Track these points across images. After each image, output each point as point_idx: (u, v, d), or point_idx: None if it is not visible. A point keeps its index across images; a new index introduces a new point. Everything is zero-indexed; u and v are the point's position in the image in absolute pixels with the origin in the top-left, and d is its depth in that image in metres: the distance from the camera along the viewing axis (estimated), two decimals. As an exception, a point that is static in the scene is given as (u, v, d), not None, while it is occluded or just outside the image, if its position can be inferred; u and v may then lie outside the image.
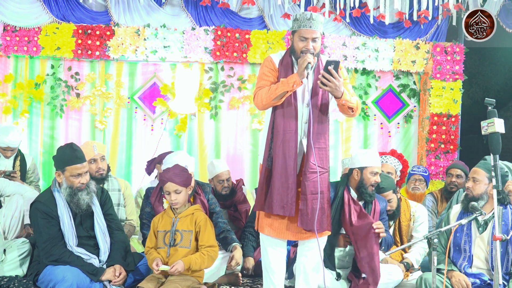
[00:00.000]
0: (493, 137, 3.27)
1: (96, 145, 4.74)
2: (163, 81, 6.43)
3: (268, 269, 3.76)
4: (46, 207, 3.86)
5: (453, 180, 5.39)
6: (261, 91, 3.63)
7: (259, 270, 4.43)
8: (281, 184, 3.61)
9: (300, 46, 3.61)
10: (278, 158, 3.62)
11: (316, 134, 3.62)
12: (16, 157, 5.37)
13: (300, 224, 3.62)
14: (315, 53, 3.61)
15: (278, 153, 3.63)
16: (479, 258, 3.91)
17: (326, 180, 3.69)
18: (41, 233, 3.84)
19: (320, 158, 3.64)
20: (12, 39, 6.07)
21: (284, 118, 3.63)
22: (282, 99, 3.59)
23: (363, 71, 6.60)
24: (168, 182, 3.93)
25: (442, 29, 6.61)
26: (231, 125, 6.52)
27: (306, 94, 3.65)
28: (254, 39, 6.32)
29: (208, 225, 3.95)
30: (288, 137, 3.60)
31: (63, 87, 6.28)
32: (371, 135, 6.72)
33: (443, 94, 6.51)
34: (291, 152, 3.60)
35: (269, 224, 3.69)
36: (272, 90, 3.56)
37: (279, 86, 3.54)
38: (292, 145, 3.60)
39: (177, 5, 6.33)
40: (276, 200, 3.61)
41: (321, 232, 3.66)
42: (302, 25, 3.60)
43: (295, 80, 3.51)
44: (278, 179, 3.62)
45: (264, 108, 3.69)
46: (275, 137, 3.65)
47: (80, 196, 3.91)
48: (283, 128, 3.62)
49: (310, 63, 3.51)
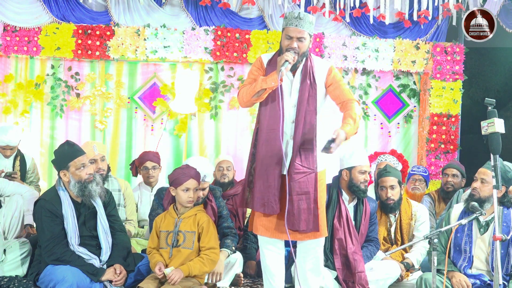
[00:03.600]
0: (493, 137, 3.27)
1: (96, 145, 4.74)
2: (163, 81, 6.43)
3: (266, 271, 3.74)
4: (51, 205, 3.86)
5: (449, 180, 5.39)
6: (243, 88, 3.63)
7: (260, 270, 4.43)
8: (262, 182, 3.59)
9: (285, 44, 3.59)
10: (260, 156, 3.61)
11: (302, 134, 3.59)
12: (16, 157, 5.37)
13: (287, 224, 3.58)
14: (300, 52, 3.57)
15: (260, 151, 3.61)
16: (479, 259, 3.90)
17: (313, 181, 3.61)
18: (44, 231, 3.83)
19: (306, 158, 3.59)
20: (12, 39, 6.08)
21: (268, 117, 3.61)
22: (262, 96, 3.56)
23: (363, 71, 6.60)
24: (190, 179, 3.93)
25: (442, 29, 6.61)
26: (231, 125, 6.52)
27: (293, 94, 3.63)
28: (254, 39, 6.32)
29: (210, 227, 3.94)
30: (272, 136, 3.57)
31: (63, 87, 6.28)
32: (371, 135, 6.72)
33: (443, 94, 6.51)
34: (273, 151, 3.56)
35: (262, 224, 3.67)
36: (252, 88, 3.55)
37: (258, 83, 3.52)
38: (274, 143, 3.56)
39: (177, 5, 6.33)
40: (257, 197, 3.60)
41: (307, 232, 3.62)
42: (289, 23, 3.59)
43: (273, 78, 3.48)
44: (260, 177, 3.60)
45: (246, 105, 3.68)
46: (259, 135, 3.64)
47: (91, 188, 3.91)
48: (267, 127, 3.61)
49: (288, 61, 3.47)
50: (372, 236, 4.42)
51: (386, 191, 4.55)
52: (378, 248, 4.45)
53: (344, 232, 4.15)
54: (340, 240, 4.13)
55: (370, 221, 4.40)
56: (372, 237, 4.42)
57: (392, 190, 4.53)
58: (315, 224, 3.63)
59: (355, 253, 4.10)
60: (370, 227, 4.42)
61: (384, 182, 4.57)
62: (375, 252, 4.40)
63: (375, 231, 4.46)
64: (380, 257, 4.46)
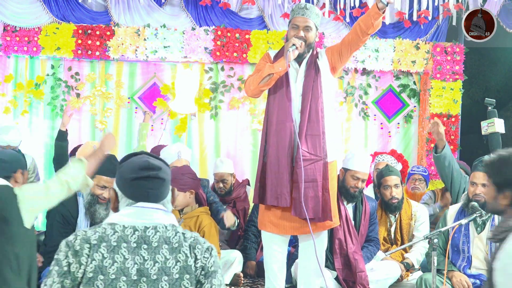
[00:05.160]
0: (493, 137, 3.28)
1: (96, 146, 4.73)
2: (163, 81, 6.43)
3: (269, 272, 3.73)
4: (66, 211, 3.82)
5: None
6: (251, 77, 3.65)
7: (260, 271, 4.43)
8: (274, 174, 3.57)
9: (291, 34, 3.61)
10: (271, 149, 3.60)
11: (309, 121, 3.57)
12: (16, 157, 5.36)
13: (293, 212, 3.55)
14: (306, 42, 3.58)
15: (272, 143, 3.60)
16: (478, 259, 3.90)
17: (321, 169, 3.57)
18: (52, 236, 3.81)
19: (313, 146, 3.56)
20: (12, 39, 6.08)
21: (277, 109, 3.61)
22: (270, 83, 3.56)
23: (363, 71, 6.60)
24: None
25: (442, 29, 6.60)
26: (231, 125, 6.52)
27: (298, 83, 3.64)
28: (254, 39, 6.31)
29: (212, 230, 3.94)
30: (281, 127, 3.57)
31: (63, 87, 6.28)
32: (371, 135, 6.71)
33: (443, 94, 6.51)
34: (284, 141, 3.56)
35: (270, 220, 3.65)
36: (259, 74, 3.55)
37: (265, 69, 3.53)
38: (284, 134, 3.56)
39: (177, 5, 6.33)
40: (270, 190, 3.58)
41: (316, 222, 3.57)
42: (295, 13, 3.61)
43: (281, 63, 3.49)
44: (272, 169, 3.59)
45: (253, 93, 3.66)
46: (268, 128, 3.64)
47: (97, 209, 3.86)
48: (276, 118, 3.60)
49: (295, 45, 3.48)
50: (372, 236, 4.42)
51: (390, 190, 4.53)
52: (378, 248, 4.45)
53: (344, 232, 4.15)
54: (339, 240, 4.12)
55: (370, 221, 4.39)
56: (372, 237, 4.42)
57: (396, 189, 4.52)
58: (324, 213, 3.57)
59: (355, 253, 4.10)
60: (370, 227, 4.41)
61: (388, 181, 4.54)
62: (375, 252, 4.40)
63: (375, 231, 4.46)
64: (380, 257, 4.46)
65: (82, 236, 1.93)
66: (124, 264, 1.89)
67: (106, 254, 1.90)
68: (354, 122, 6.67)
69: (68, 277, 1.88)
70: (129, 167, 2.06)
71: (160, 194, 2.05)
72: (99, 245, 1.90)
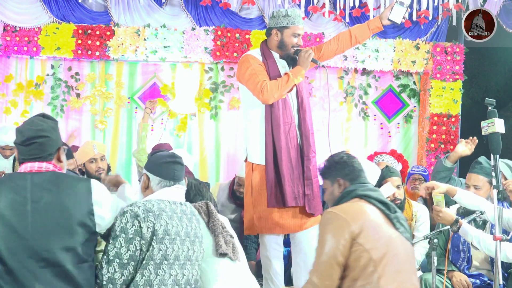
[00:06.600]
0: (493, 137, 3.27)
1: (96, 145, 4.74)
2: (163, 81, 6.43)
3: (271, 271, 3.77)
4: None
5: None
6: (268, 84, 3.60)
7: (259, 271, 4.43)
8: (289, 176, 3.66)
9: (293, 42, 3.75)
10: (282, 151, 3.67)
11: (309, 119, 3.78)
12: (15, 158, 5.36)
13: (308, 210, 3.69)
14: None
15: (282, 145, 3.67)
16: (478, 259, 3.91)
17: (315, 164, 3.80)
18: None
19: (312, 142, 3.79)
20: (12, 39, 6.07)
21: (281, 110, 3.70)
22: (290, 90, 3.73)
23: (363, 71, 6.60)
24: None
25: (442, 29, 6.60)
26: (231, 125, 6.52)
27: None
28: (254, 39, 6.31)
29: None
30: (288, 128, 3.68)
31: (63, 87, 6.28)
32: (371, 135, 6.71)
33: (443, 94, 6.51)
34: (293, 143, 3.69)
35: (275, 222, 3.71)
36: (283, 84, 3.60)
37: (290, 80, 3.61)
38: (293, 135, 3.70)
39: (177, 5, 6.33)
40: (289, 193, 3.65)
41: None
42: (295, 21, 3.72)
43: (302, 74, 3.65)
44: (287, 172, 3.66)
45: (275, 100, 3.69)
46: (275, 130, 3.67)
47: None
48: (283, 120, 3.68)
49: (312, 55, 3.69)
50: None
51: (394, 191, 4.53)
52: None
53: None
54: None
55: None
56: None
57: (399, 190, 4.52)
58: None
59: None
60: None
61: (392, 182, 4.54)
62: None
63: None
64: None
65: (143, 207, 2.60)
66: (177, 228, 2.66)
67: (168, 220, 2.63)
68: (354, 122, 6.67)
69: (136, 238, 2.54)
70: (159, 155, 2.85)
71: (181, 176, 2.83)
72: (161, 214, 2.62)
